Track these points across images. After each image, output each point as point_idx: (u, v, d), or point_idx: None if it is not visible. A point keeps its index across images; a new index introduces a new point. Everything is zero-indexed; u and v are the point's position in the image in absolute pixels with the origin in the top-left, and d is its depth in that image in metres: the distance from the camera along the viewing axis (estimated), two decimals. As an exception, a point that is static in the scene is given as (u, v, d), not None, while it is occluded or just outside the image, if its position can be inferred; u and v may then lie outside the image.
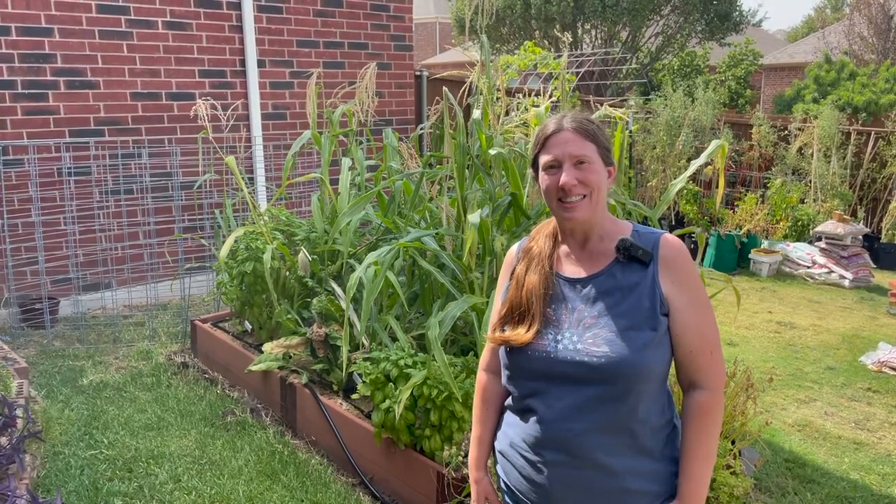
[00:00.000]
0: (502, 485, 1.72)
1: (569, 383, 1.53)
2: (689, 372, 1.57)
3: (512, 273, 1.70)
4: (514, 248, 1.78)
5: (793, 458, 3.66)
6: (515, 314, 1.62)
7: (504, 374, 1.67)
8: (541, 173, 1.62)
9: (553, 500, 1.57)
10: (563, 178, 1.54)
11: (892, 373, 4.80)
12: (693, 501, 1.55)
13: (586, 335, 1.52)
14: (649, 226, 1.71)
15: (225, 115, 4.41)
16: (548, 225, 1.71)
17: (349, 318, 3.26)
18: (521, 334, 1.58)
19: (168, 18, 6.09)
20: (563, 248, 1.66)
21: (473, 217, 3.12)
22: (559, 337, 1.55)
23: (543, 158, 1.60)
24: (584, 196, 1.55)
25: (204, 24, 6.29)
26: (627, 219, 2.17)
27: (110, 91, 5.87)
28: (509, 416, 1.69)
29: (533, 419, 1.58)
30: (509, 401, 1.70)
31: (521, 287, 1.63)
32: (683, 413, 1.58)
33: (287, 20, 6.80)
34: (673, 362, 1.59)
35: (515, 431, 1.64)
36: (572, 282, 1.60)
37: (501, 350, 1.65)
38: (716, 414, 1.56)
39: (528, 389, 1.60)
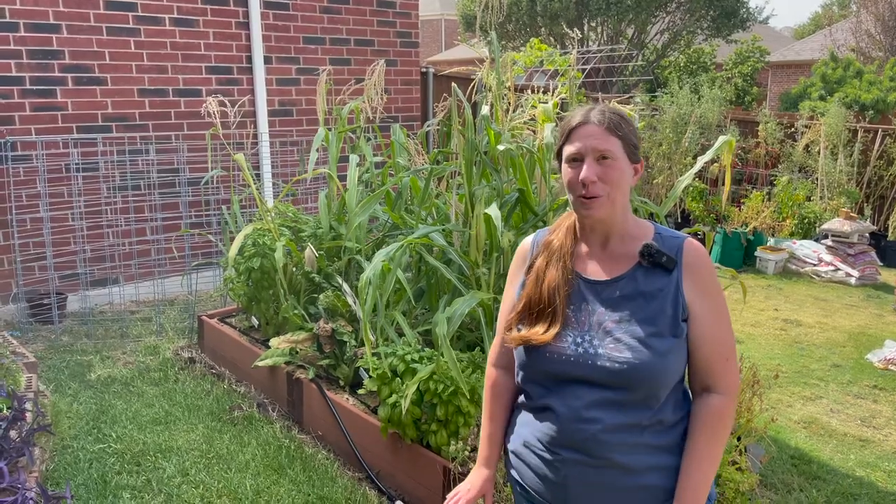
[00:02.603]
0: (516, 486, 1.68)
1: (587, 385, 1.50)
2: (705, 377, 1.54)
3: (529, 267, 1.64)
4: (528, 240, 1.71)
5: (798, 455, 3.66)
6: (534, 311, 1.56)
7: (519, 373, 1.63)
8: (563, 165, 1.56)
9: (570, 499, 1.54)
10: (583, 173, 1.49)
11: (898, 370, 4.79)
12: (694, 502, 1.51)
13: (607, 340, 1.49)
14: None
15: (232, 111, 4.43)
16: (568, 217, 1.65)
17: (362, 318, 3.26)
18: (539, 334, 1.53)
19: (175, 15, 6.10)
20: (583, 247, 1.60)
21: (492, 210, 3.10)
22: (579, 339, 1.51)
23: (567, 150, 1.55)
24: (603, 196, 1.50)
25: (211, 21, 6.30)
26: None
27: (118, 87, 5.89)
28: (523, 416, 1.65)
29: (549, 418, 1.54)
30: (523, 399, 1.65)
31: (540, 282, 1.57)
32: (694, 415, 1.55)
33: (293, 17, 6.81)
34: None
35: (530, 430, 1.60)
36: (592, 283, 1.56)
37: (519, 349, 1.59)
38: (728, 419, 1.53)
39: (545, 390, 1.56)
